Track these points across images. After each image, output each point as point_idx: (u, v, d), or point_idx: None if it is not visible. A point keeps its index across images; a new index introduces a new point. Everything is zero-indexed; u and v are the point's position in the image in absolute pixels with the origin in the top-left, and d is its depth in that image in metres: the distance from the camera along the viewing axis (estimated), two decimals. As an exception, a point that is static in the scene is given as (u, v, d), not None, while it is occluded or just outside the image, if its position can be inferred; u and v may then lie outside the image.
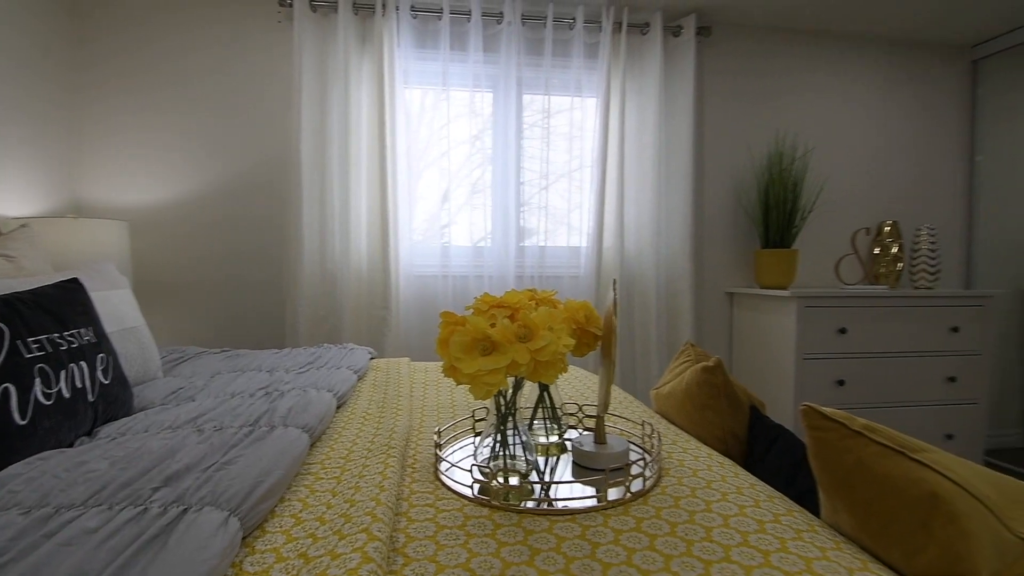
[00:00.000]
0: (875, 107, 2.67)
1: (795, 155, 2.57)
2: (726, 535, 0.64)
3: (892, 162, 2.70)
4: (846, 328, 2.16)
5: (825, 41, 2.62)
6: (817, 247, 2.62)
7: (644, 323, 2.46)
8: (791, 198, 2.39)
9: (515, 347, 0.70)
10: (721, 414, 1.07)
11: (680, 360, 1.34)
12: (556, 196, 2.47)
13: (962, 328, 2.25)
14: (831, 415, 0.68)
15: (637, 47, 2.49)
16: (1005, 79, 2.73)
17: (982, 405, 2.29)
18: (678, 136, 2.46)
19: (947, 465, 0.61)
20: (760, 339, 2.37)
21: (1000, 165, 2.78)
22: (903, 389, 2.23)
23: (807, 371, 2.16)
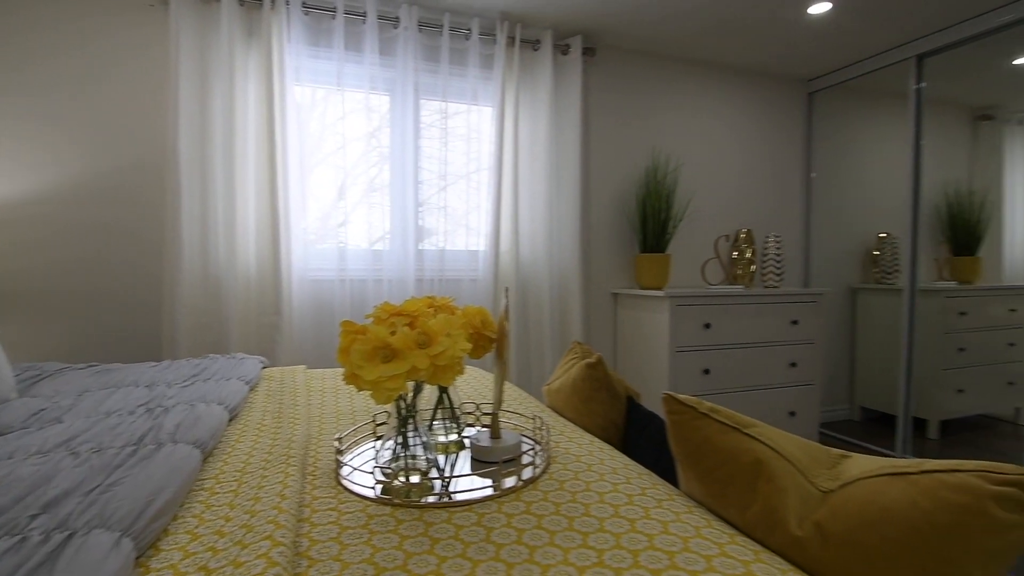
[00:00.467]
0: (733, 129, 3.05)
1: (668, 169, 2.86)
2: (602, 509, 0.74)
3: (747, 177, 3.09)
4: (710, 323, 2.46)
5: (692, 68, 2.94)
6: (687, 252, 2.94)
7: (538, 323, 2.60)
8: (665, 208, 2.66)
9: (415, 353, 0.75)
10: (603, 405, 1.20)
11: (568, 358, 1.46)
12: (455, 199, 2.53)
13: (800, 321, 2.65)
14: (684, 400, 0.81)
15: (530, 61, 2.62)
16: (833, 109, 3.25)
17: (817, 386, 2.71)
18: (568, 148, 2.63)
19: (770, 437, 0.76)
20: (640, 335, 2.61)
21: (830, 181, 3.31)
22: (756, 374, 2.58)
23: (679, 362, 2.42)
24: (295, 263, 2.23)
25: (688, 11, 2.37)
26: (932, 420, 3.08)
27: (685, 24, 2.49)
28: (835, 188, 3.35)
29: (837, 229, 3.36)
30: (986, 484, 0.56)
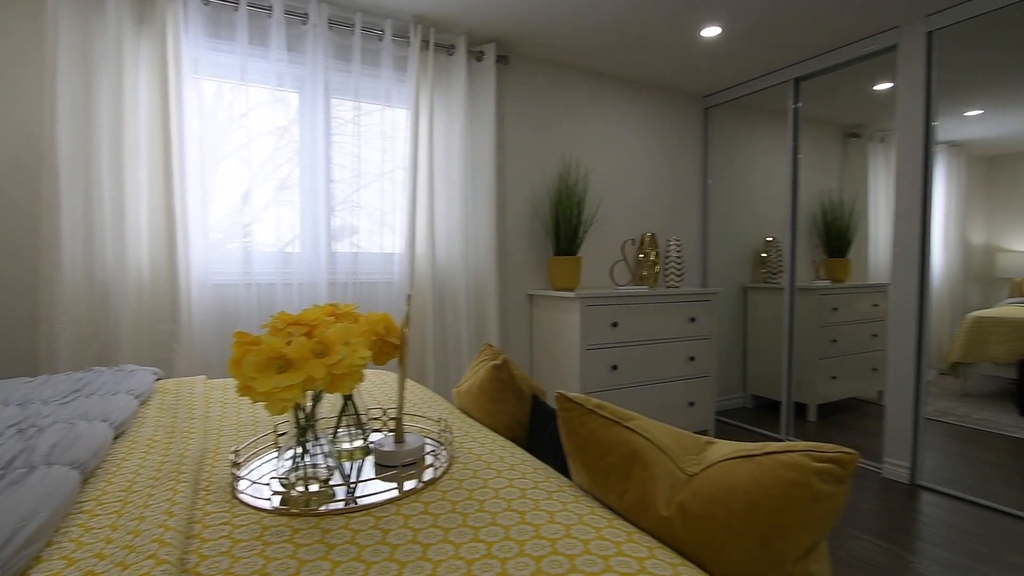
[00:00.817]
0: (638, 139, 3.24)
1: (579, 176, 2.99)
2: (496, 504, 0.79)
3: (651, 185, 3.30)
4: (618, 322, 2.60)
5: (601, 80, 3.09)
6: (597, 254, 3.09)
7: (455, 325, 2.63)
8: (576, 213, 2.78)
9: (311, 363, 0.76)
10: (509, 404, 1.26)
11: (479, 360, 1.51)
12: (370, 201, 2.50)
13: (697, 318, 2.87)
14: (573, 398, 0.88)
15: (445, 66, 2.64)
16: (726, 123, 3.54)
17: (712, 378, 2.95)
18: (482, 152, 2.68)
19: (647, 428, 0.84)
20: (554, 334, 2.71)
21: (724, 189, 3.60)
22: (659, 369, 2.76)
23: (589, 360, 2.54)
24: (195, 266, 2.11)
25: (593, 26, 2.49)
26: (811, 404, 3.44)
27: (592, 38, 2.62)
28: (729, 195, 3.65)
29: (730, 233, 3.67)
30: (810, 462, 0.66)
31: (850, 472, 0.65)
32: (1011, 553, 1.91)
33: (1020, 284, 4.76)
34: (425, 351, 2.53)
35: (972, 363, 3.96)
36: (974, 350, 3.92)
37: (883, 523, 2.13)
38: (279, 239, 2.32)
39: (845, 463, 0.65)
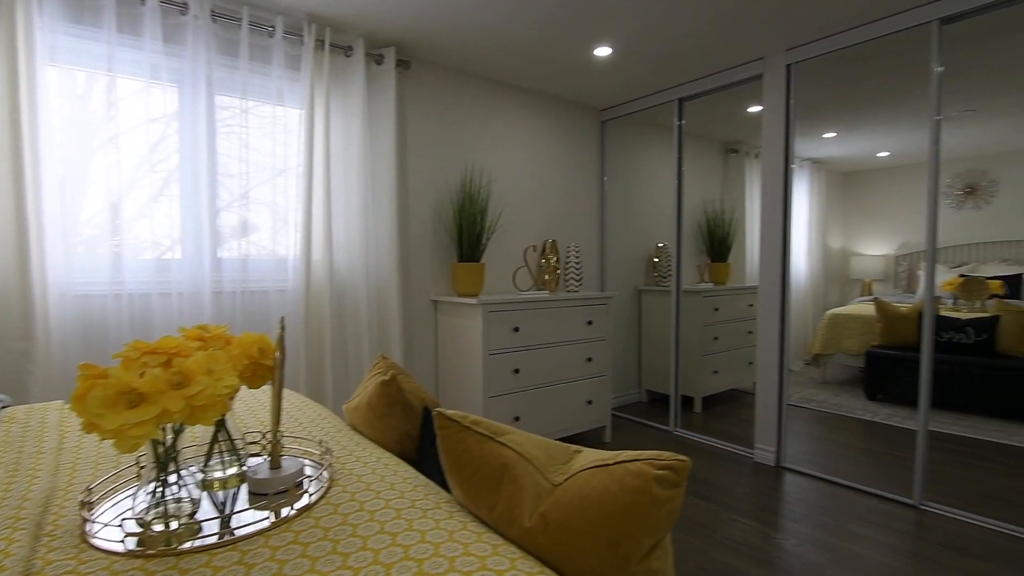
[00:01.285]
0: (539, 148, 3.35)
1: (482, 183, 3.03)
2: (369, 527, 0.80)
3: (552, 192, 3.42)
4: (519, 327, 2.68)
5: (503, 90, 3.15)
6: (500, 260, 3.15)
7: (356, 334, 2.57)
8: (479, 219, 2.82)
9: (167, 396, 0.73)
10: (397, 419, 1.26)
11: (371, 374, 1.49)
12: (260, 204, 2.38)
13: (594, 321, 3.02)
14: (450, 416, 0.91)
15: (342, 67, 2.57)
16: (621, 136, 3.76)
17: (608, 377, 3.12)
18: (383, 156, 2.64)
19: (518, 442, 0.89)
20: (458, 340, 2.74)
21: (620, 198, 3.82)
22: (559, 370, 2.88)
23: (492, 365, 2.60)
24: (53, 275, 1.90)
25: (492, 39, 2.54)
26: (697, 397, 3.75)
27: (492, 50, 2.67)
28: (624, 203, 3.87)
29: (626, 239, 3.90)
30: (651, 469, 0.74)
31: (684, 477, 0.74)
32: (854, 523, 2.21)
33: (869, 284, 5.47)
34: (324, 363, 2.45)
35: (830, 354, 4.50)
36: (831, 343, 4.46)
37: (753, 504, 2.38)
38: (156, 244, 2.14)
39: (679, 469, 0.73)
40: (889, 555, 1.96)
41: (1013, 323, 3.59)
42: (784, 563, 1.92)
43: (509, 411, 2.67)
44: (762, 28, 2.43)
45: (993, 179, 4.73)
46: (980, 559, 1.93)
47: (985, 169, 4.75)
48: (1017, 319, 3.58)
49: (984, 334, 3.63)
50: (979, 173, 4.78)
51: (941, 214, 5.03)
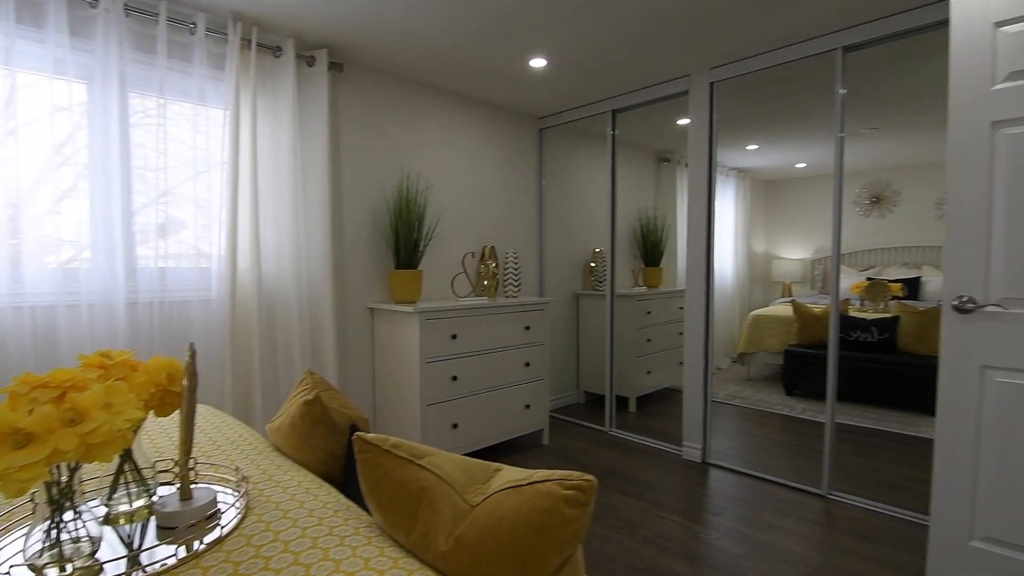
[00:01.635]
0: (478, 155, 3.36)
1: (419, 189, 3.02)
2: (283, 559, 0.79)
3: (491, 199, 3.45)
4: (457, 334, 2.69)
5: (441, 96, 3.14)
6: (439, 266, 3.15)
7: (287, 345, 2.49)
8: (416, 226, 2.80)
9: (58, 435, 0.69)
10: (322, 439, 1.24)
11: (297, 391, 1.46)
12: (180, 210, 2.26)
13: (532, 326, 3.07)
14: (370, 440, 0.91)
15: (270, 68, 2.48)
16: (559, 144, 3.83)
17: (546, 381, 3.18)
18: (315, 161, 2.57)
19: (438, 464, 0.90)
20: (395, 348, 2.71)
21: (559, 204, 3.90)
22: (498, 376, 2.91)
23: (429, 373, 2.59)
24: (-63, 288, 1.73)
25: (429, 45, 2.54)
26: (631, 397, 3.89)
27: (429, 56, 2.65)
28: (562, 210, 3.96)
29: (564, 244, 3.98)
30: (560, 489, 0.77)
31: (591, 497, 0.78)
32: (769, 515, 2.36)
33: (789, 286, 5.85)
34: (252, 377, 2.36)
35: (754, 353, 4.79)
36: (754, 342, 4.74)
37: (679, 501, 2.50)
38: (62, 248, 1.99)
39: (586, 489, 0.77)
40: (799, 544, 2.12)
41: (911, 323, 3.94)
42: (706, 556, 2.03)
43: (447, 419, 2.68)
44: (688, 48, 2.55)
45: (896, 190, 5.17)
46: (881, 544, 2.12)
47: (889, 181, 5.19)
48: (914, 319, 3.94)
49: (886, 333, 3.97)
50: (883, 184, 5.22)
51: (851, 221, 5.46)
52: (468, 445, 2.78)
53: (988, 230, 1.63)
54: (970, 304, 1.65)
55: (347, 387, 2.80)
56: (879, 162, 5.08)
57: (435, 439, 2.63)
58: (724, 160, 4.96)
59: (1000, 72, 1.60)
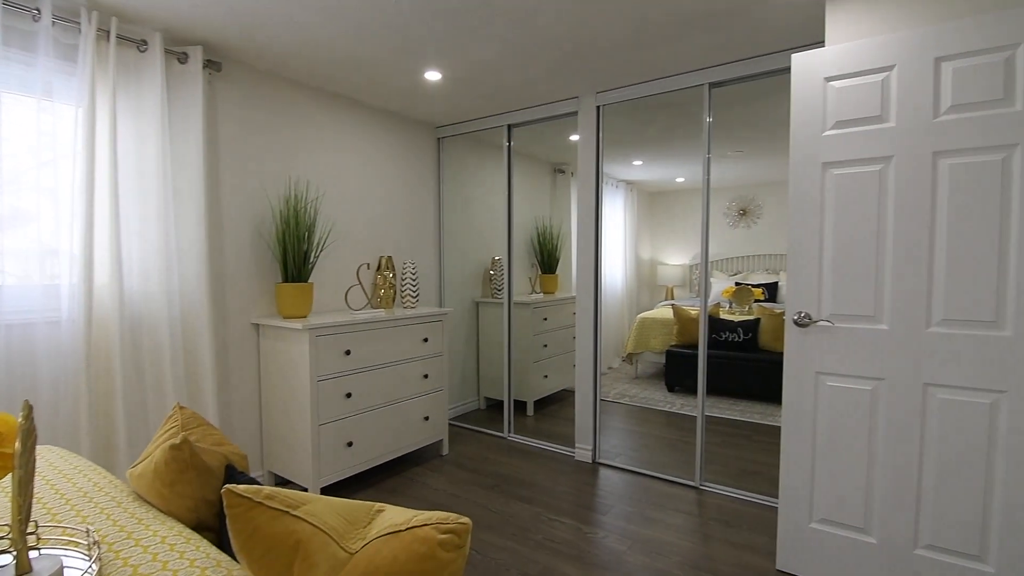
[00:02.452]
0: (373, 163, 3.28)
1: (309, 198, 2.89)
2: (139, 634, 0.74)
3: (387, 208, 3.38)
4: (351, 350, 2.61)
5: (334, 102, 3.03)
6: (332, 278, 3.04)
7: (157, 370, 2.28)
8: (306, 236, 2.68)
9: None
10: (191, 485, 1.17)
11: (164, 431, 1.35)
12: (21, 219, 1.98)
13: (431, 338, 3.07)
14: (241, 492, 0.87)
15: (134, 63, 2.25)
16: (458, 153, 3.85)
17: (445, 391, 3.19)
18: (189, 166, 2.37)
19: (316, 512, 0.89)
20: (283, 367, 2.58)
21: (457, 213, 3.92)
22: (396, 390, 2.87)
23: (322, 391, 2.50)
24: None
25: (315, 48, 2.44)
26: (529, 401, 4.01)
27: (319, 60, 2.55)
28: (461, 218, 3.98)
29: (464, 253, 4.01)
30: (436, 534, 0.80)
31: (466, 539, 0.81)
32: (650, 509, 2.57)
33: (671, 290, 6.33)
34: (114, 411, 2.13)
35: (640, 352, 5.14)
36: (641, 343, 5.10)
37: (570, 503, 2.63)
38: None
39: (461, 532, 0.80)
40: (674, 535, 2.33)
41: (770, 324, 4.46)
42: (593, 556, 2.17)
43: (342, 437, 2.60)
44: (577, 73, 2.69)
45: (759, 204, 5.81)
46: (742, 529, 2.38)
47: (753, 195, 5.82)
48: (773, 320, 4.46)
49: (750, 333, 4.46)
50: (749, 199, 5.84)
51: (722, 231, 6.04)
52: (365, 462, 2.72)
53: (820, 255, 1.90)
54: (806, 319, 1.92)
55: (229, 411, 2.61)
56: (745, 179, 5.68)
57: (329, 459, 2.54)
58: (613, 173, 5.28)
59: (829, 120, 1.87)
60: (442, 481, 2.86)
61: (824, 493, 1.94)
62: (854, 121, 1.82)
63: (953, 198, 1.67)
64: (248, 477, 1.25)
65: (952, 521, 1.71)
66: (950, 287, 1.68)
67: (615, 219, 5.53)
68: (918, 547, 1.77)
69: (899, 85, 1.73)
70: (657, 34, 2.26)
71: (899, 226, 1.75)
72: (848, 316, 1.85)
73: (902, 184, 1.74)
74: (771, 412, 4.01)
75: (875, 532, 1.84)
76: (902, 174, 1.74)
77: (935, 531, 1.74)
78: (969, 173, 1.64)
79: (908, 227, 1.73)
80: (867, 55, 1.79)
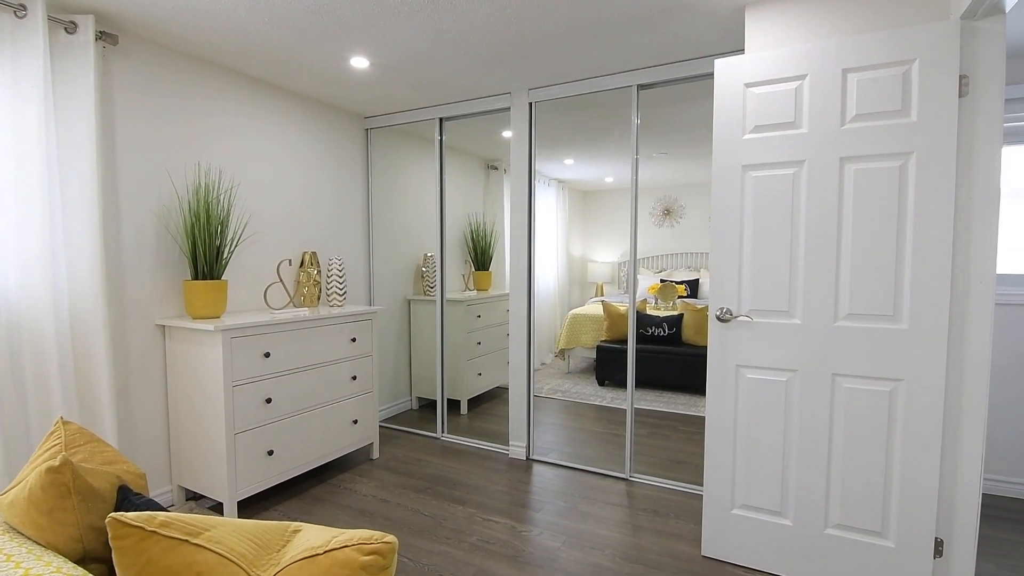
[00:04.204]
0: (296, 153, 3.10)
1: (223, 188, 2.67)
2: None
3: (312, 201, 3.21)
4: (271, 352, 2.45)
5: (253, 86, 2.82)
6: (251, 276, 2.83)
7: (41, 378, 2.02)
8: (219, 229, 2.48)
9: None
10: (74, 512, 1.02)
11: (44, 448, 1.19)
12: None
13: (359, 338, 2.94)
14: (130, 522, 0.77)
15: (10, 31, 1.97)
16: (387, 145, 3.72)
17: (374, 393, 3.08)
18: (78, 150, 2.11)
19: (220, 538, 0.80)
20: (194, 371, 2.37)
21: (387, 207, 3.79)
22: (321, 393, 2.73)
23: (238, 396, 2.32)
24: None
25: (231, 26, 2.25)
26: (463, 400, 3.96)
27: (233, 39, 2.35)
28: (392, 213, 3.85)
29: (395, 249, 3.89)
30: (359, 555, 0.74)
31: (391, 559, 0.75)
32: (583, 503, 2.60)
33: (601, 287, 6.48)
34: (-18, 419, 1.87)
35: (572, 348, 5.23)
36: (573, 339, 5.18)
37: (504, 501, 2.61)
38: None
39: (386, 552, 0.75)
40: (606, 527, 2.36)
41: (692, 319, 4.66)
42: (528, 554, 2.16)
43: (261, 446, 2.43)
44: (509, 69, 2.66)
45: (682, 204, 6.07)
46: (669, 517, 2.46)
47: (677, 196, 6.07)
48: (695, 316, 4.67)
49: (674, 328, 4.64)
50: (673, 199, 6.08)
51: (648, 230, 6.26)
52: (288, 471, 2.56)
53: (740, 254, 1.99)
54: (727, 314, 2.00)
55: (132, 423, 2.37)
56: (669, 180, 5.91)
57: (247, 469, 2.37)
58: (546, 171, 5.31)
59: (749, 124, 1.95)
60: (372, 486, 2.75)
61: (744, 480, 2.03)
62: (771, 126, 1.91)
63: (857, 201, 1.79)
64: (145, 499, 1.12)
65: (856, 501, 1.84)
66: (855, 283, 1.80)
67: (548, 217, 5.58)
68: (828, 527, 1.90)
69: (811, 93, 1.84)
70: (589, 34, 2.27)
71: (810, 226, 1.86)
72: (765, 311, 1.95)
73: (813, 187, 1.84)
74: (694, 403, 4.20)
75: (790, 515, 1.96)
76: (813, 178, 1.84)
77: (842, 511, 1.87)
78: (871, 178, 1.77)
79: (818, 227, 1.85)
80: (783, 64, 1.88)
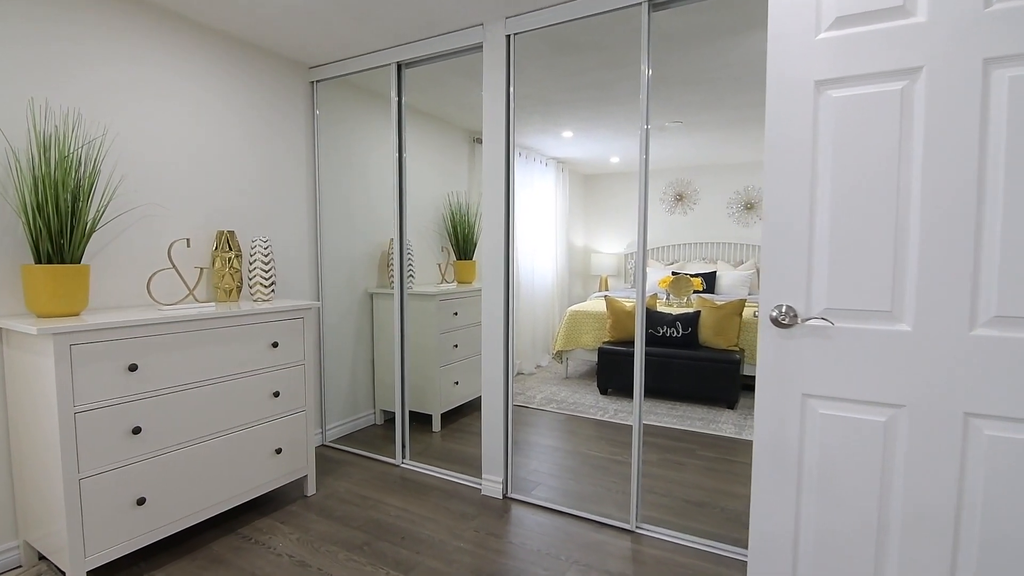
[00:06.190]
0: (211, 105, 2.42)
1: (83, 140, 2.00)
2: None
3: (231, 166, 2.52)
4: (138, 363, 1.78)
5: (145, 12, 2.14)
6: (139, 260, 2.16)
7: None
8: (82, 197, 1.81)
9: None
10: None
11: None
12: None
13: (283, 342, 2.27)
14: None
15: None
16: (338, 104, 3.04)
17: (310, 412, 2.41)
18: None
19: None
20: (32, 390, 1.71)
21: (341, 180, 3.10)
22: (227, 417, 2.06)
23: (86, 426, 1.66)
24: None
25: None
26: (435, 415, 3.29)
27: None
28: (348, 190, 3.17)
29: (353, 232, 3.21)
30: None
31: None
32: (572, 570, 1.92)
33: (606, 280, 5.78)
34: None
35: (571, 350, 4.53)
36: (572, 339, 4.48)
37: (464, 568, 1.93)
38: None
39: None
40: (601, 613, 1.69)
41: (710, 317, 3.96)
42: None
43: (125, 492, 1.76)
44: (476, -20, 1.97)
45: (695, 188, 5.35)
46: (685, 592, 1.78)
47: (690, 179, 5.35)
48: (713, 314, 3.97)
49: (689, 328, 3.94)
50: (685, 183, 5.37)
51: (657, 217, 5.55)
52: (170, 524, 1.90)
53: (811, 224, 1.30)
54: (790, 317, 1.31)
55: (-57, 457, 1.71)
56: (682, 161, 5.19)
57: (106, 524, 1.71)
58: (543, 148, 4.62)
59: (826, 16, 1.26)
60: (293, 540, 2.08)
61: (813, 548, 1.35)
62: (864, 16, 1.21)
63: (1014, 131, 1.09)
64: None
65: (999, 614, 1.16)
66: (1008, 270, 1.11)
67: (547, 202, 4.89)
68: (948, 651, 1.21)
69: (932, -39, 1.14)
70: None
71: (931, 178, 1.16)
72: (852, 312, 1.26)
73: (937, 112, 1.15)
74: (714, 419, 3.51)
75: (884, 625, 1.27)
76: (937, 96, 1.15)
77: (973, 628, 1.18)
78: (1038, 92, 1.07)
79: (945, 179, 1.15)
80: (884, -82, 1.18)
